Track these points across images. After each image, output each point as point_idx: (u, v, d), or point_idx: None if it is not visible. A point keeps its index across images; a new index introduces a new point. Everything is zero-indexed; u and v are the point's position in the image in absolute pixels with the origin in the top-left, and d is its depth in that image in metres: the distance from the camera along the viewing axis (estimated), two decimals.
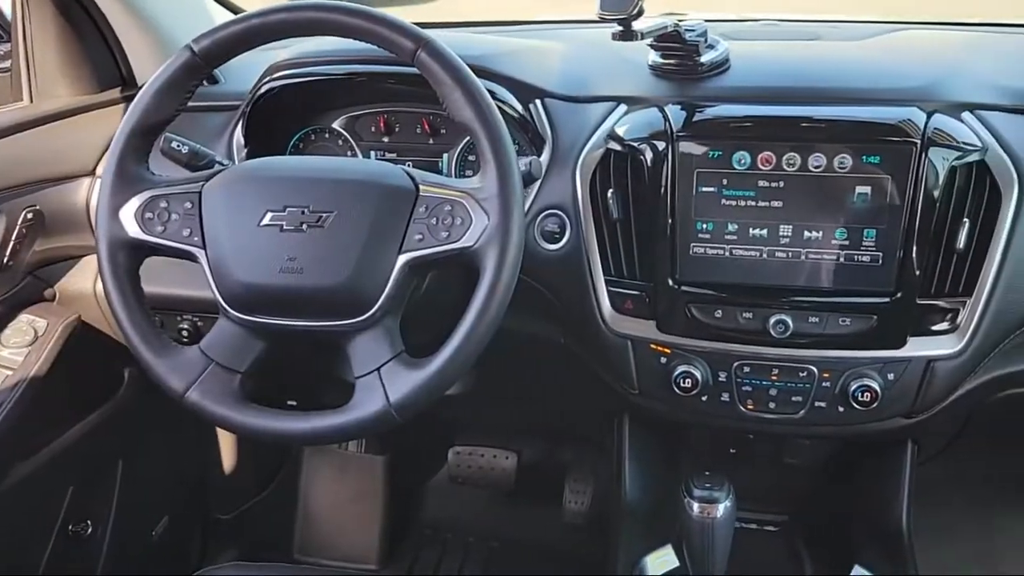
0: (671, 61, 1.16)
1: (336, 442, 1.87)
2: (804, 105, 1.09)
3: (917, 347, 1.09)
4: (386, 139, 1.33)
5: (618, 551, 1.27)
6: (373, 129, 1.32)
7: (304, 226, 0.95)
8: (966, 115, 1.08)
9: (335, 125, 1.33)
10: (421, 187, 0.97)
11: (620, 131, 1.13)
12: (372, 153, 1.33)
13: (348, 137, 1.33)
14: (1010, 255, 1.05)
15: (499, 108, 1.19)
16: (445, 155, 1.30)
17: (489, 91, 1.19)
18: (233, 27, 0.99)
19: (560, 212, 1.16)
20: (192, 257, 0.99)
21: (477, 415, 1.83)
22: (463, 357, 0.92)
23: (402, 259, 0.95)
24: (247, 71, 1.32)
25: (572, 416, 1.60)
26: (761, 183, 1.08)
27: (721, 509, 1.05)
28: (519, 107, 1.21)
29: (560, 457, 1.96)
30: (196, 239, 0.98)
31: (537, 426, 1.92)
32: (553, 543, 1.88)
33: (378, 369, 0.94)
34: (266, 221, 0.96)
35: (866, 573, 1.21)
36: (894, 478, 1.27)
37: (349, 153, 1.34)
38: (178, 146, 1.07)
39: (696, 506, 1.05)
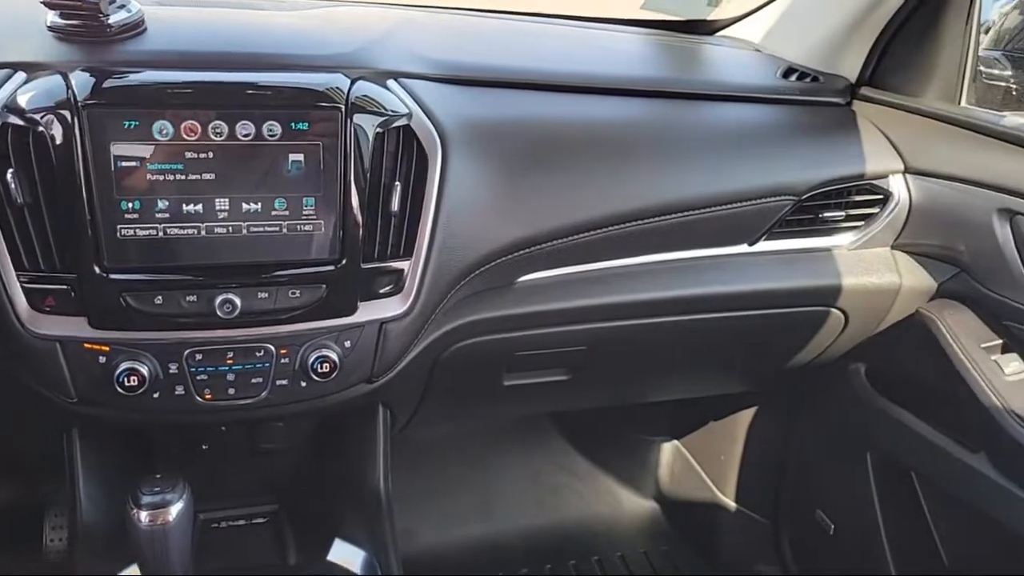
0: (73, 22, 1.02)
1: None
2: (227, 71, 1.02)
3: (368, 312, 1.09)
4: None
5: None
6: None
7: None
8: (391, 83, 1.10)
9: None
10: None
11: (20, 102, 0.96)
12: None
13: None
14: (441, 216, 1.09)
15: None
16: None
17: None
18: None
19: None
20: None
21: None
22: None
23: None
24: None
25: (26, 442, 1.37)
26: (188, 154, 0.99)
27: (174, 512, 0.95)
28: None
29: (35, 490, 1.70)
30: None
31: None
32: None
33: None
34: None
35: (347, 546, 1.21)
36: (370, 446, 1.28)
37: None
38: None
39: (145, 515, 0.94)
